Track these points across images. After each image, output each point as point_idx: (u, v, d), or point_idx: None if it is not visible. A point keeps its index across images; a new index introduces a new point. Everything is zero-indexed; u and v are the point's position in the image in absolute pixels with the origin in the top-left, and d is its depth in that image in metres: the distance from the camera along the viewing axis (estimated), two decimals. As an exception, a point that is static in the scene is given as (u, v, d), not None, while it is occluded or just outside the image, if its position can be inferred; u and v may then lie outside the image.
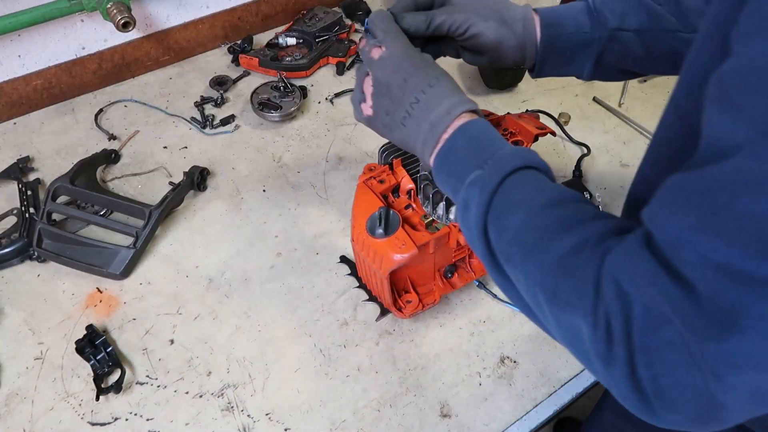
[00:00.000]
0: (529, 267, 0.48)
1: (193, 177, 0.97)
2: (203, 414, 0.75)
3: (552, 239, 0.46)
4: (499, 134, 0.58)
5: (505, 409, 0.76)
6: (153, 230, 0.90)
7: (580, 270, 0.43)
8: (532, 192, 0.51)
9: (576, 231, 0.46)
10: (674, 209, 0.39)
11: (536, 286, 0.47)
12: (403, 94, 0.60)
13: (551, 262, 0.46)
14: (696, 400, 0.38)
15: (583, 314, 0.42)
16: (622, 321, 0.39)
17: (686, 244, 0.37)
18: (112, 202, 0.92)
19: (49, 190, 0.90)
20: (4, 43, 1.03)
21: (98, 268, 0.86)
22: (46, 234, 0.88)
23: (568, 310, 0.44)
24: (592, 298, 0.42)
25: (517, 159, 0.53)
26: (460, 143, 0.57)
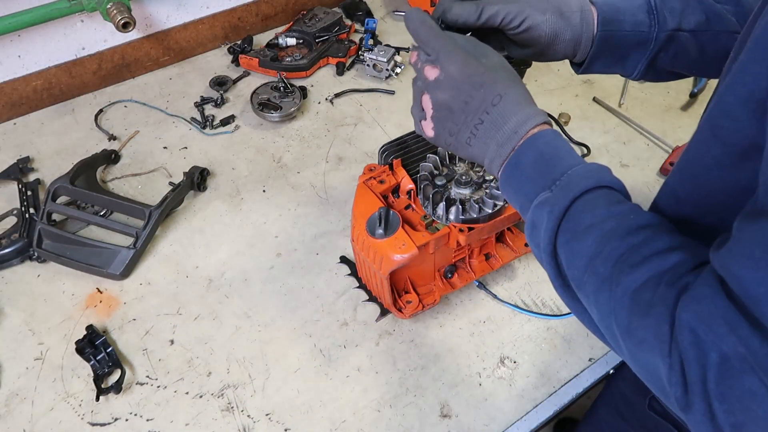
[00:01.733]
0: (601, 297, 0.47)
1: (193, 177, 0.97)
2: (203, 414, 0.75)
3: (625, 271, 0.45)
4: (570, 147, 0.55)
5: (505, 409, 0.76)
6: (153, 230, 0.90)
7: (656, 309, 0.42)
8: (602, 216, 0.49)
9: (650, 264, 0.44)
10: (749, 261, 0.38)
11: (610, 317, 0.46)
12: (466, 117, 0.57)
13: (624, 295, 0.44)
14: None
15: (659, 355, 0.41)
16: (697, 368, 0.39)
17: (766, 298, 0.37)
18: (111, 202, 0.92)
19: (49, 191, 0.90)
20: (4, 43, 1.04)
21: (98, 269, 0.86)
22: (46, 234, 0.88)
23: (644, 348, 0.43)
24: (667, 340, 0.41)
25: (586, 180, 0.51)
26: (527, 159, 0.54)
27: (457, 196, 0.78)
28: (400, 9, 1.37)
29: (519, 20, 0.64)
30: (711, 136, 0.51)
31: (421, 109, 0.60)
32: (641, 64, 0.69)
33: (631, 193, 0.53)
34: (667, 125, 1.13)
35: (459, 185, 0.78)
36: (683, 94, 1.19)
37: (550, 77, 1.22)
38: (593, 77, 1.22)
